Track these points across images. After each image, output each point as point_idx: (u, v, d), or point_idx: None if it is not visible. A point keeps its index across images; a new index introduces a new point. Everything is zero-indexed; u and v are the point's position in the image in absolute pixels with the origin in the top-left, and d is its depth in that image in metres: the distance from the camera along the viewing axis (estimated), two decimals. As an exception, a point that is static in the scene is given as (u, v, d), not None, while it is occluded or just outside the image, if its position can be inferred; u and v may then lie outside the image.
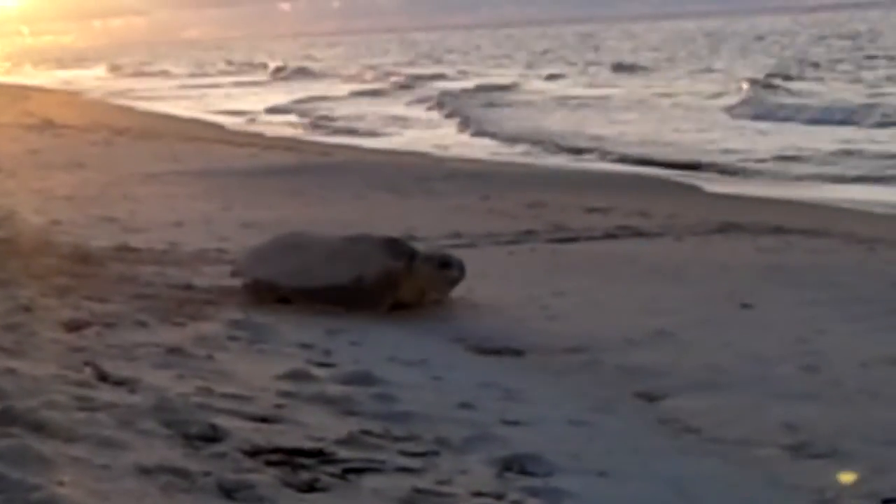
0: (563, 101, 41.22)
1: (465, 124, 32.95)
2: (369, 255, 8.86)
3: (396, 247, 9.02)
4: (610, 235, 12.64)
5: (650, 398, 6.67)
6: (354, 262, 8.83)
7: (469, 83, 53.42)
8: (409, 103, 43.23)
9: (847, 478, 5.23)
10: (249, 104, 45.53)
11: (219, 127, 33.79)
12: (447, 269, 8.95)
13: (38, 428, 4.63)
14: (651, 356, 7.53)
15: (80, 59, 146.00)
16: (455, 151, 26.22)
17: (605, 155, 24.53)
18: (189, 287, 9.03)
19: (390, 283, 8.80)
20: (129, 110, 43.29)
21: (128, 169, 19.07)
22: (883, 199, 17.29)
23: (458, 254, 9.34)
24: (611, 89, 46.44)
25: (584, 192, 16.64)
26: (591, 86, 50.36)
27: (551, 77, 57.74)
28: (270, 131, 32.40)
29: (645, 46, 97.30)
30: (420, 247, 9.47)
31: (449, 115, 36.45)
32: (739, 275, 10.20)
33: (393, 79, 61.38)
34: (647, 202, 15.20)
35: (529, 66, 72.51)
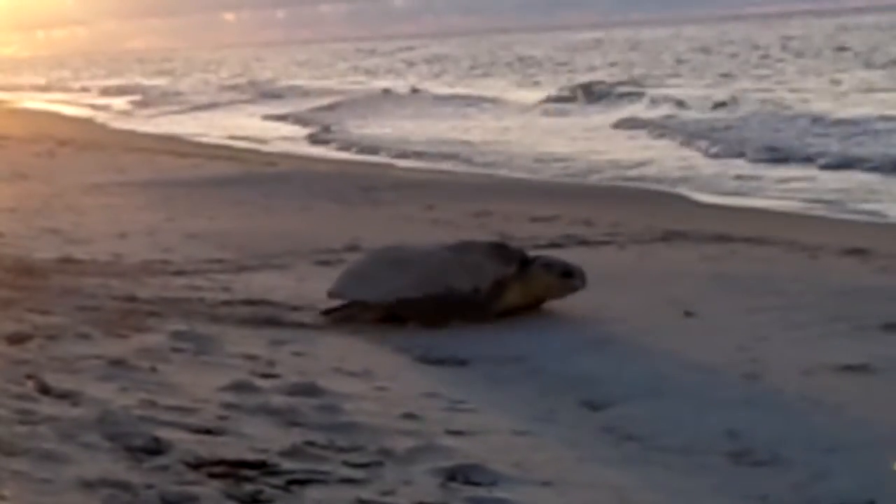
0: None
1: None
2: (482, 264, 8.86)
3: (506, 252, 9.08)
4: (554, 244, 12.64)
5: (594, 406, 6.69)
6: (469, 272, 8.81)
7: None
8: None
9: None
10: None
11: (165, 138, 33.68)
12: (569, 278, 9.02)
13: (-21, 442, 4.60)
14: (594, 364, 7.56)
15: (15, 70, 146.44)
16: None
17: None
18: (133, 299, 8.97)
19: (501, 290, 8.85)
20: (74, 121, 43.06)
21: (72, 180, 18.98)
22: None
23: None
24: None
25: (529, 202, 16.69)
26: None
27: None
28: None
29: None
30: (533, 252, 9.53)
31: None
32: (682, 283, 10.25)
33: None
34: (592, 211, 15.25)
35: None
